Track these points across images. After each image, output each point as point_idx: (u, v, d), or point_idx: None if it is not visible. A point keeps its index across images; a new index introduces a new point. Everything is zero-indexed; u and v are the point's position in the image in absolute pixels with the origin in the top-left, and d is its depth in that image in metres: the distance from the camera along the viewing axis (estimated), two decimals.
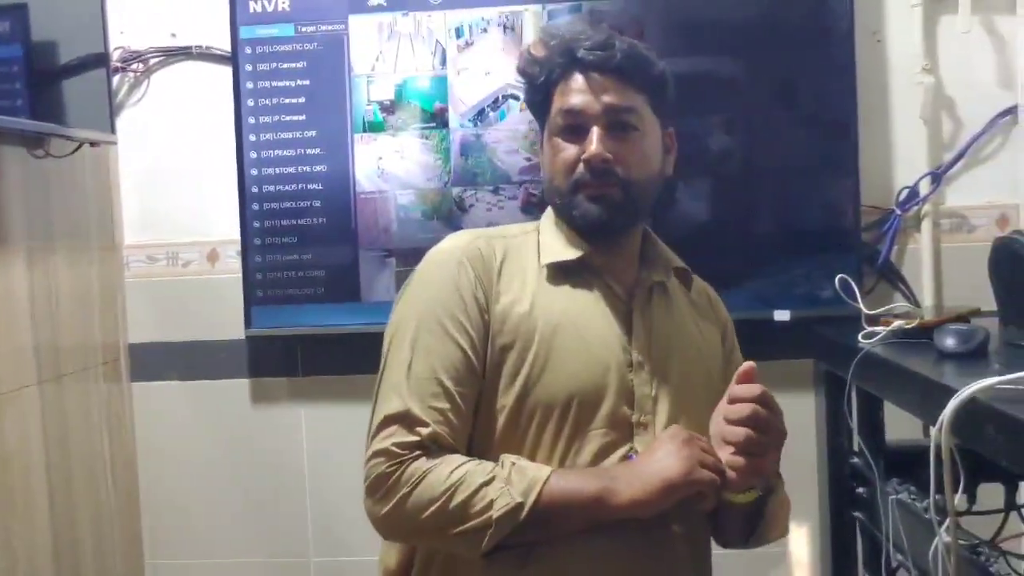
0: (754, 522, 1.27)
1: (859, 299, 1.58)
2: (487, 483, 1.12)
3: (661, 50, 2.08)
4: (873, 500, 1.58)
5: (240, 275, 2.24)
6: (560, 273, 1.25)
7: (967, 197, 2.19)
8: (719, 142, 2.17)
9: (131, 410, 2.35)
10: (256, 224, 2.24)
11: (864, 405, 1.62)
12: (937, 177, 2.17)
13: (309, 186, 2.22)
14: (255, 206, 2.24)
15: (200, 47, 2.31)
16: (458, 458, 1.15)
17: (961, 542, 1.18)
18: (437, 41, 2.20)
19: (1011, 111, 2.14)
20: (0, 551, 1.79)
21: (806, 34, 2.15)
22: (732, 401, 1.17)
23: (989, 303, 1.54)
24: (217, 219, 2.32)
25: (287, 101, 2.23)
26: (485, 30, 2.20)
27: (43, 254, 2.02)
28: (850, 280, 1.57)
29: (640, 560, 1.18)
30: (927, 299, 2.18)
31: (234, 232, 2.26)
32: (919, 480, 1.50)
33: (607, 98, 1.22)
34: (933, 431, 1.07)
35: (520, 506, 1.10)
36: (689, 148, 2.15)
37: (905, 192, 2.18)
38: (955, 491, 1.08)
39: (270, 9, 2.23)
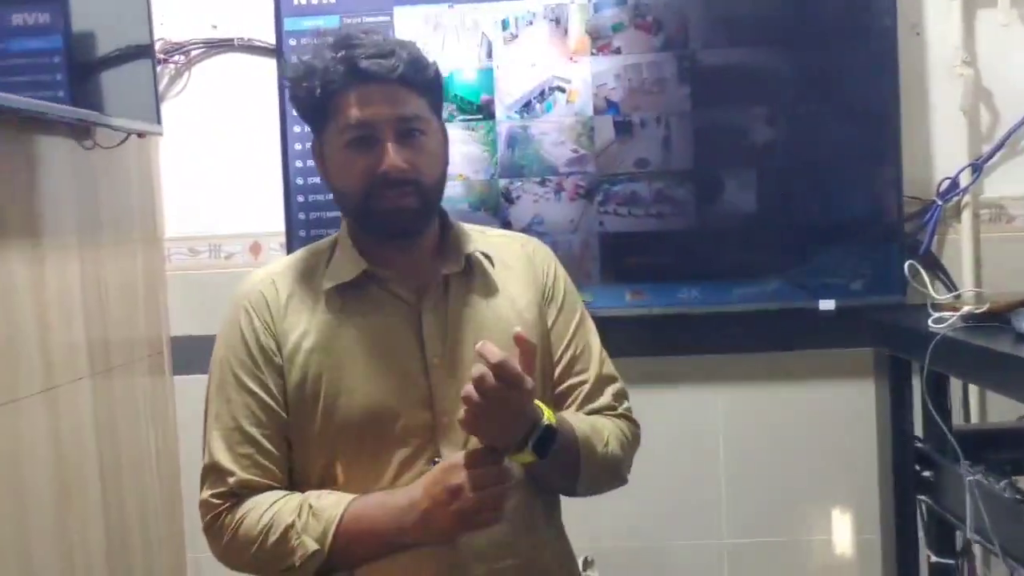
0: (575, 470, 1.25)
1: (928, 286, 1.60)
2: (291, 526, 1.19)
3: (706, 43, 2.19)
4: (941, 483, 1.61)
5: None
6: (344, 292, 1.27)
7: (1005, 187, 2.24)
8: (764, 134, 2.20)
9: (174, 404, 2.34)
10: (301, 216, 2.24)
11: (933, 390, 1.64)
12: (977, 168, 2.21)
13: None
14: (300, 198, 2.24)
15: (242, 39, 2.30)
16: (266, 500, 1.22)
17: None
18: (483, 33, 2.21)
19: None
20: (56, 544, 1.78)
21: (850, 28, 2.18)
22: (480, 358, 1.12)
23: None
24: (259, 211, 2.31)
25: None
26: (531, 23, 2.21)
27: (92, 247, 2.00)
28: (919, 267, 1.60)
29: (464, 553, 1.21)
30: (966, 288, 2.22)
31: (277, 224, 2.26)
32: (990, 462, 1.53)
33: (395, 108, 1.23)
34: None
35: (318, 552, 1.18)
36: (735, 140, 2.23)
37: (946, 183, 2.22)
38: None
39: (315, 1, 2.23)
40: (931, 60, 2.24)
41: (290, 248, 2.23)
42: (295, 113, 1.37)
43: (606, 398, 1.34)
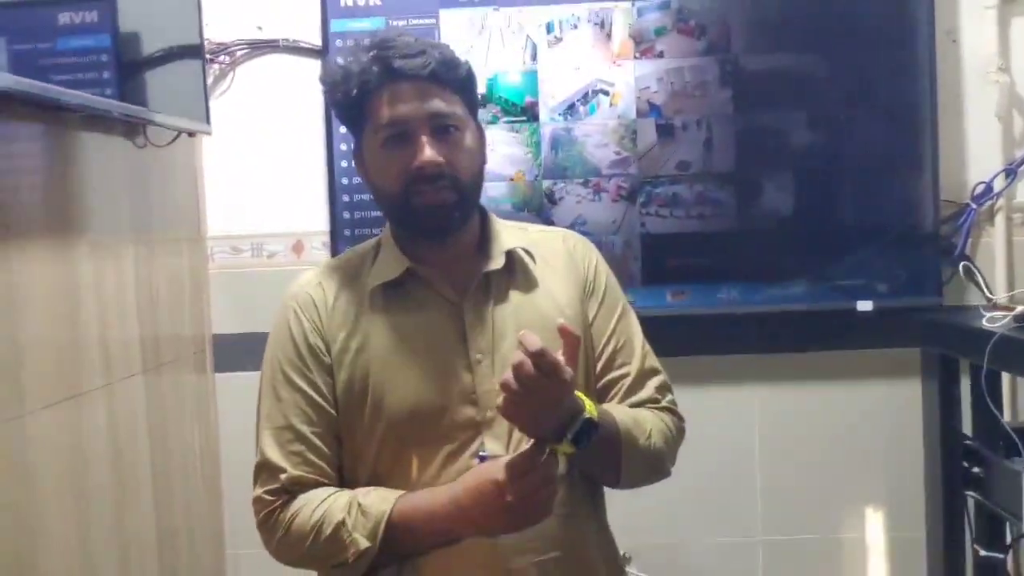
0: (616, 463, 1.27)
1: (984, 287, 1.64)
2: (342, 523, 1.22)
3: (748, 48, 2.22)
4: (992, 478, 1.64)
5: None
6: (388, 292, 1.30)
7: None
8: (804, 138, 2.24)
9: (215, 401, 2.35)
10: (346, 215, 2.27)
11: (989, 388, 1.67)
12: (1011, 173, 2.25)
13: None
14: (345, 197, 2.27)
15: (288, 40, 2.33)
16: (317, 497, 1.25)
17: None
18: (527, 36, 2.24)
19: None
20: (114, 538, 1.80)
21: (887, 34, 2.23)
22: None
23: None
24: (302, 211, 2.34)
25: None
26: (575, 26, 2.24)
27: (145, 245, 2.02)
28: (973, 268, 1.63)
29: (510, 546, 1.23)
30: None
31: (319, 223, 2.29)
32: None
33: (428, 105, 1.25)
34: None
35: (369, 548, 1.21)
36: (775, 144, 2.27)
37: (980, 187, 2.26)
38: None
39: (361, 3, 2.25)
40: (966, 66, 2.28)
41: (334, 247, 2.26)
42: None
43: (648, 391, 1.35)
